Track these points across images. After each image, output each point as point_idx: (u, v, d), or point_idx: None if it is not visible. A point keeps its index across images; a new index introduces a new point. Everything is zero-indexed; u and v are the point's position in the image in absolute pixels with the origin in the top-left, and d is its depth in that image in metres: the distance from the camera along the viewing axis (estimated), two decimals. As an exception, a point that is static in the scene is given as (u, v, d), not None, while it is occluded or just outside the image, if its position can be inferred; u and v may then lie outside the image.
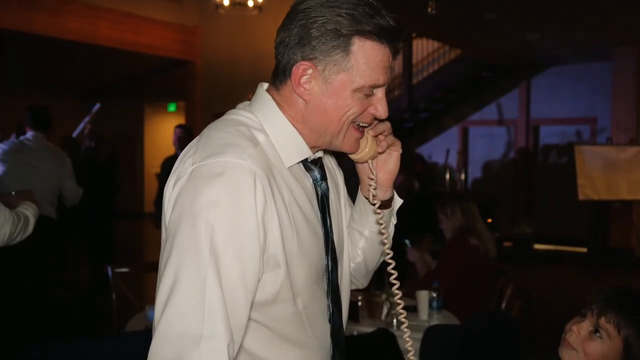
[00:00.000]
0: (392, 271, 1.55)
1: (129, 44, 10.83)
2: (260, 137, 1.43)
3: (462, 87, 12.66)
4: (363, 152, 1.55)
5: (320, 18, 1.38)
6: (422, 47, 12.49)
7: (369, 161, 1.58)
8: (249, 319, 1.39)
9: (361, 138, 1.52)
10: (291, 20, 1.42)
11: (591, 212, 10.31)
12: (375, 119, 1.51)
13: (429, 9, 6.24)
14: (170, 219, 1.36)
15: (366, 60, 1.40)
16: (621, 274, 9.00)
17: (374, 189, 1.59)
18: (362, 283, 1.80)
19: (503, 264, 4.73)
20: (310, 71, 1.41)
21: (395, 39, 1.44)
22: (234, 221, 1.30)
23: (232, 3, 8.64)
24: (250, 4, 8.68)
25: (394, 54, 1.47)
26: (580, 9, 8.19)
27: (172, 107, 14.62)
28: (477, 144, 13.03)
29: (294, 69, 1.42)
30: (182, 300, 1.27)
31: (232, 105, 1.57)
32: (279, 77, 1.47)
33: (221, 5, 8.67)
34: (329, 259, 1.54)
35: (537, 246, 11.10)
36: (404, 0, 7.89)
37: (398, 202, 1.72)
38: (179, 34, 11.76)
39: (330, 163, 1.70)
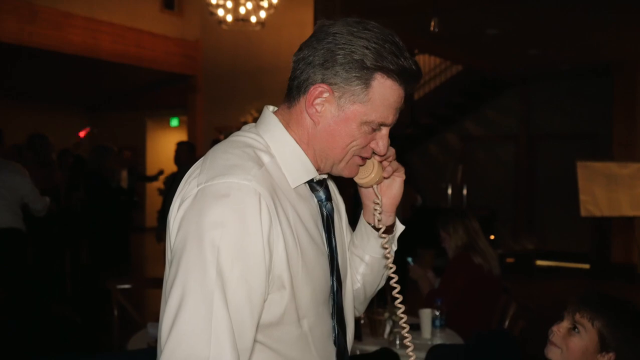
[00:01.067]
0: (398, 295, 1.54)
1: (130, 58, 10.88)
2: (266, 159, 1.44)
3: (464, 101, 12.68)
4: (369, 177, 1.56)
5: (349, 46, 1.39)
6: (424, 63, 12.53)
7: (374, 186, 1.59)
8: (255, 340, 1.38)
9: (362, 165, 1.54)
10: (319, 40, 1.43)
11: (593, 228, 10.29)
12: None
13: (432, 27, 6.25)
14: (175, 241, 1.35)
15: (383, 97, 1.42)
16: (623, 290, 8.97)
17: (379, 214, 1.59)
18: (359, 310, 1.79)
19: (505, 280, 4.70)
20: (326, 95, 1.42)
21: (413, 82, 1.46)
22: (240, 242, 1.30)
23: (235, 19, 8.67)
24: (253, 19, 8.71)
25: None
26: (581, 24, 8.21)
27: (174, 122, 14.63)
28: (478, 159, 13.03)
29: (311, 88, 1.43)
30: (188, 322, 1.26)
31: (234, 119, 1.58)
32: (293, 92, 1.48)
33: (224, 21, 8.70)
34: (334, 279, 1.54)
35: (539, 262, 11.07)
36: (407, 17, 7.93)
37: (400, 228, 1.73)
38: (180, 48, 11.81)
39: (332, 188, 1.69)
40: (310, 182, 1.53)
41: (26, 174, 5.75)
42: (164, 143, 14.48)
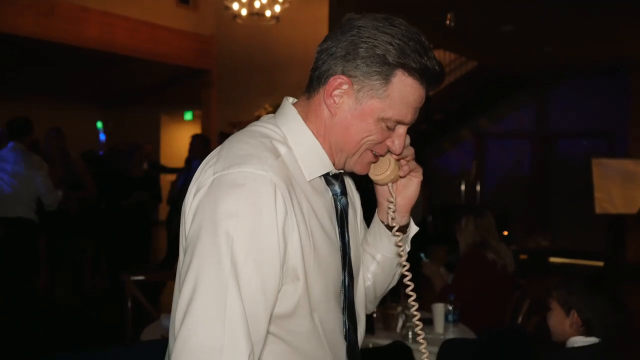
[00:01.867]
0: (411, 293, 1.54)
1: (146, 53, 10.91)
2: (282, 150, 1.43)
3: (478, 98, 12.64)
4: (385, 174, 1.54)
5: (372, 40, 1.39)
6: (439, 59, 12.46)
7: (389, 184, 1.58)
8: (268, 332, 1.38)
9: (374, 162, 1.53)
10: (343, 32, 1.42)
11: (608, 226, 10.23)
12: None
13: (447, 22, 6.24)
14: (190, 229, 1.35)
15: (402, 95, 1.41)
16: (637, 288, 8.91)
17: (393, 212, 1.58)
18: (369, 308, 1.78)
19: (518, 277, 4.69)
20: (345, 87, 1.42)
21: (435, 83, 1.45)
22: (255, 232, 1.29)
23: (249, 13, 8.68)
24: (268, 14, 8.71)
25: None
26: (596, 22, 8.16)
27: (188, 116, 14.68)
28: (493, 156, 12.98)
29: (331, 79, 1.42)
30: (202, 311, 1.26)
31: (248, 114, 1.58)
32: (313, 83, 1.47)
33: (239, 15, 8.71)
34: (346, 274, 1.53)
35: (553, 259, 11.02)
36: (422, 12, 7.91)
37: (414, 229, 1.71)
38: (195, 42, 11.83)
39: (349, 184, 1.69)
40: (326, 176, 1.52)
41: (43, 166, 5.85)
42: (178, 137, 14.53)
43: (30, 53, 10.21)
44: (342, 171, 1.56)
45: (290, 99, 1.55)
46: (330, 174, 1.53)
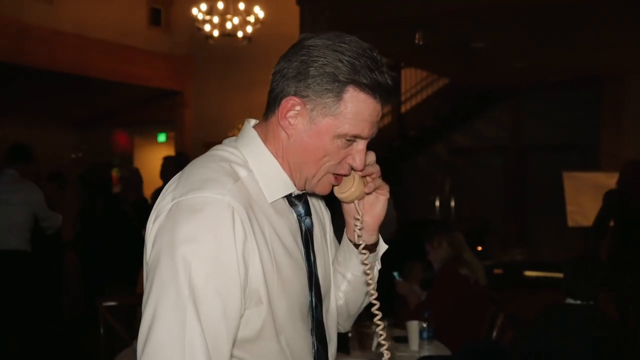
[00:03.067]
0: (377, 312, 1.53)
1: (119, 75, 10.88)
2: (243, 173, 1.44)
3: (452, 113, 12.74)
4: (349, 191, 1.53)
5: (322, 59, 1.39)
6: (412, 75, 12.59)
7: (356, 202, 1.56)
8: (233, 356, 1.38)
9: (336, 184, 1.52)
10: (294, 53, 1.44)
11: (582, 239, 10.30)
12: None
13: (416, 40, 6.31)
14: (150, 255, 1.36)
15: (355, 110, 1.41)
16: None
17: (360, 229, 1.57)
18: (344, 327, 1.78)
19: (494, 292, 4.72)
20: (298, 108, 1.42)
21: (388, 97, 1.44)
22: (213, 257, 1.30)
23: (221, 34, 8.70)
24: (240, 34, 8.74)
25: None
26: (568, 37, 8.28)
27: (162, 137, 14.61)
28: (467, 171, 13.07)
29: (283, 101, 1.43)
30: (162, 337, 1.27)
31: (223, 135, 1.59)
32: (270, 105, 1.48)
33: (211, 36, 8.73)
34: (313, 295, 1.52)
35: (529, 273, 11.09)
36: (393, 31, 7.98)
37: (383, 247, 1.70)
38: (169, 63, 11.82)
39: (317, 202, 1.69)
40: (288, 197, 1.52)
41: (37, 192, 5.79)
42: (151, 159, 14.44)
43: (3, 77, 10.13)
44: (303, 192, 1.55)
45: (252, 121, 1.55)
46: (293, 195, 1.53)
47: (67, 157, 9.06)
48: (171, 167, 6.81)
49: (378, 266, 1.71)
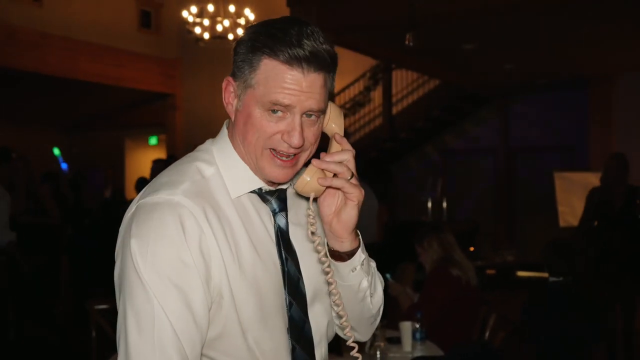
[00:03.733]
0: (345, 324, 1.47)
1: (109, 78, 10.86)
2: (208, 172, 1.45)
3: (443, 115, 12.77)
4: (302, 183, 1.44)
5: (246, 36, 1.42)
6: (402, 77, 12.62)
7: (311, 196, 1.45)
8: (204, 355, 1.40)
9: (281, 165, 1.44)
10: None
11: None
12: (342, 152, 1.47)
13: (407, 41, 6.30)
14: (117, 260, 1.41)
15: (270, 76, 1.38)
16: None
17: (312, 225, 1.45)
18: (358, 337, 1.67)
19: (486, 292, 4.73)
20: (231, 88, 1.45)
21: (306, 65, 1.37)
22: (165, 254, 1.32)
23: (212, 36, 8.69)
24: (231, 37, 8.73)
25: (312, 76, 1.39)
26: (556, 39, 8.32)
27: (153, 140, 14.59)
28: (458, 172, 13.10)
29: (223, 84, 1.46)
30: (132, 336, 1.30)
31: (213, 137, 1.59)
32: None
33: (201, 38, 8.72)
34: (286, 293, 1.49)
35: (520, 273, 11.10)
36: (383, 32, 7.99)
37: (358, 258, 1.51)
38: (159, 66, 11.80)
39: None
40: (260, 193, 1.49)
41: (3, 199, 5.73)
42: (143, 162, 14.42)
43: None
44: (280, 188, 1.52)
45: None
46: (264, 191, 1.50)
47: (55, 158, 9.02)
48: (160, 170, 6.80)
49: (366, 276, 1.55)
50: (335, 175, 1.45)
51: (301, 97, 1.39)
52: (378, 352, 3.42)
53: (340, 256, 1.49)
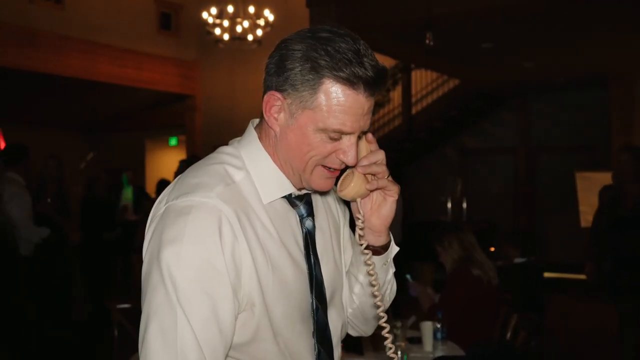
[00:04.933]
0: (383, 314, 1.50)
1: (128, 80, 10.92)
2: (238, 176, 1.44)
3: (462, 115, 12.71)
4: (348, 188, 1.48)
5: (298, 52, 1.36)
6: (421, 77, 12.58)
7: (358, 200, 1.51)
8: (232, 357, 1.39)
9: (330, 177, 1.47)
10: (276, 48, 1.43)
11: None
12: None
13: (427, 41, 6.28)
14: (144, 261, 1.38)
15: (333, 103, 1.35)
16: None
17: (361, 229, 1.51)
18: (365, 330, 1.75)
19: (506, 293, 4.70)
20: (279, 103, 1.40)
21: (370, 89, 1.36)
22: (197, 258, 1.30)
23: (231, 37, 8.71)
24: (250, 38, 8.75)
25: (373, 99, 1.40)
26: (576, 37, 8.26)
27: (173, 141, 14.67)
28: (477, 172, 13.03)
29: (265, 97, 1.42)
30: (154, 340, 1.28)
31: (232, 137, 1.58)
32: (263, 105, 1.47)
33: (221, 39, 8.74)
34: (314, 297, 1.50)
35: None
36: (402, 32, 7.98)
37: (394, 250, 1.63)
38: (178, 68, 11.85)
39: (332, 201, 1.67)
40: (289, 198, 1.50)
41: (22, 208, 5.72)
42: (163, 163, 14.49)
43: (13, 82, 10.18)
44: (305, 192, 1.53)
45: (256, 121, 1.54)
46: (294, 196, 1.51)
47: (76, 162, 9.07)
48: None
49: (392, 270, 1.66)
50: (373, 175, 1.48)
51: (361, 122, 1.39)
52: (399, 352, 3.42)
53: (377, 250, 1.55)
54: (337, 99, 1.35)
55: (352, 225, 1.68)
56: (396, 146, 12.09)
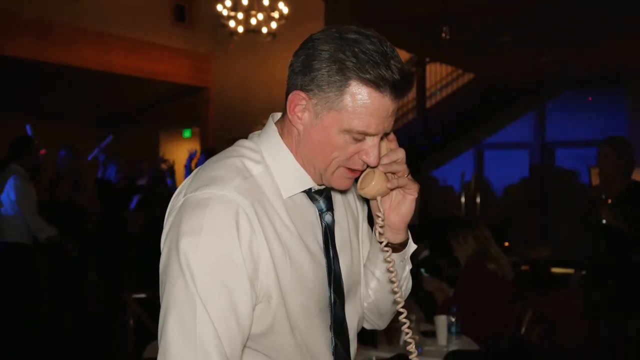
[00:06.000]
0: (402, 310, 1.50)
1: (143, 72, 10.95)
2: (257, 169, 1.44)
3: (476, 110, 12.66)
4: (369, 186, 1.49)
5: (326, 52, 1.36)
6: (436, 71, 12.53)
7: (378, 198, 1.52)
8: (250, 348, 1.40)
9: (350, 178, 1.48)
10: (302, 47, 1.43)
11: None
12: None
13: (443, 34, 6.24)
14: (163, 251, 1.39)
15: (359, 105, 1.36)
16: None
17: (381, 227, 1.53)
18: (379, 324, 1.76)
19: (520, 288, 4.68)
20: (304, 102, 1.41)
21: (396, 92, 1.37)
22: (215, 250, 1.31)
23: (246, 30, 8.70)
24: (264, 30, 8.74)
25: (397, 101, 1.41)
26: (594, 31, 8.19)
27: (187, 133, 14.71)
28: (492, 168, 12.99)
29: (290, 95, 1.42)
30: (173, 331, 1.29)
31: (247, 131, 1.59)
32: (285, 101, 1.47)
33: (235, 32, 8.74)
34: (332, 291, 1.51)
35: (554, 269, 10.99)
36: (417, 26, 7.94)
37: (412, 247, 1.64)
38: (193, 60, 11.87)
39: (352, 196, 1.68)
40: (309, 192, 1.51)
41: (28, 203, 5.79)
42: (177, 155, 14.54)
43: (29, 74, 10.23)
44: (324, 187, 1.54)
45: (277, 116, 1.55)
46: (313, 190, 1.51)
47: (89, 154, 9.11)
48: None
49: (408, 266, 1.67)
50: (393, 174, 1.50)
51: (385, 124, 1.41)
52: (414, 345, 3.41)
53: (395, 247, 1.57)
54: (363, 101, 1.36)
55: (370, 222, 1.69)
56: (409, 141, 12.06)
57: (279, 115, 1.55)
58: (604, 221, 4.41)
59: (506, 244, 8.62)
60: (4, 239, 5.69)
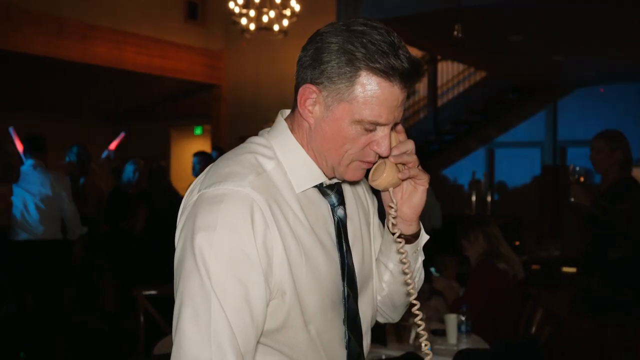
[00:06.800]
0: (415, 302, 1.51)
1: (155, 69, 10.97)
2: (269, 165, 1.45)
3: (488, 109, 12.63)
4: (380, 178, 1.51)
5: (335, 44, 1.37)
6: (447, 69, 12.50)
7: (390, 190, 1.54)
8: (263, 344, 1.41)
9: (365, 168, 1.50)
10: (310, 41, 1.44)
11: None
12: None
13: (455, 32, 6.22)
14: (177, 247, 1.40)
15: (370, 95, 1.38)
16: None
17: (394, 218, 1.54)
18: (393, 317, 1.78)
19: (530, 287, 4.66)
20: (314, 95, 1.42)
21: (405, 81, 1.39)
22: (230, 245, 1.32)
23: (257, 28, 8.70)
24: (276, 28, 8.74)
25: (408, 92, 1.44)
26: (606, 30, 8.15)
27: (198, 131, 14.74)
28: (503, 166, 12.95)
29: (300, 89, 1.44)
30: (188, 326, 1.30)
31: (258, 128, 1.60)
32: (294, 96, 1.49)
33: (247, 29, 8.74)
34: (345, 285, 1.52)
35: (565, 269, 10.94)
36: (429, 24, 7.92)
37: (424, 238, 1.66)
38: (204, 58, 11.89)
39: (362, 190, 1.69)
40: (320, 187, 1.52)
41: (67, 186, 5.88)
42: (188, 152, 14.57)
43: (41, 71, 10.27)
44: (335, 181, 1.55)
45: (286, 112, 1.56)
46: (325, 185, 1.53)
47: (101, 150, 9.12)
48: (203, 164, 6.88)
49: (421, 257, 1.68)
50: (404, 165, 1.51)
51: (395, 114, 1.42)
52: (424, 343, 3.40)
53: (408, 239, 1.58)
54: (374, 91, 1.37)
55: (380, 215, 1.69)
56: (421, 139, 12.04)
57: (288, 111, 1.56)
58: (572, 199, 4.54)
59: (517, 243, 8.59)
60: (39, 236, 5.67)
